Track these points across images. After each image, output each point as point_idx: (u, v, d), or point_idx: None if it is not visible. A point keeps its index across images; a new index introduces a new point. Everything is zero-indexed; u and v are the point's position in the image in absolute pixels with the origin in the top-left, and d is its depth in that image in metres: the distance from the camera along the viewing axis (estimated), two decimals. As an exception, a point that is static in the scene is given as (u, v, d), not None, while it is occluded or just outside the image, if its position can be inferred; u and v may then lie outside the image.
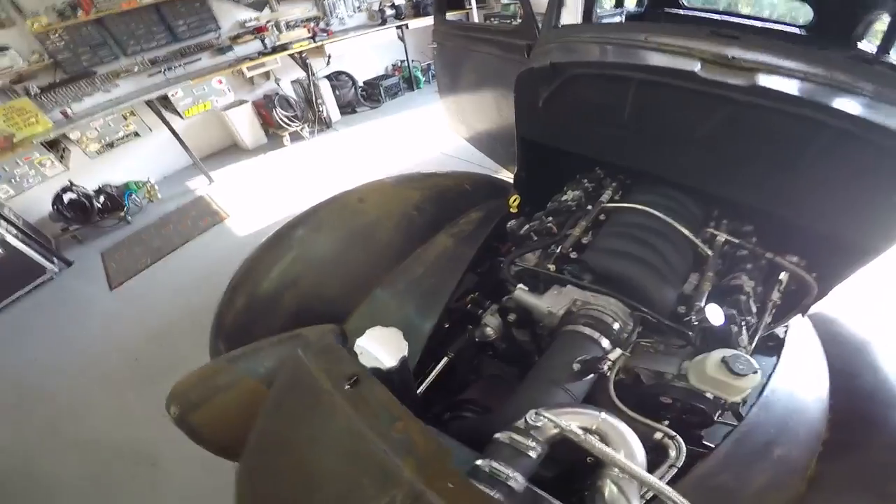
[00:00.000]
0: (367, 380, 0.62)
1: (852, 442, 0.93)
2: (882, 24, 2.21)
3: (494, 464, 0.54)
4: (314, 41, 4.13)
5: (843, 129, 0.94)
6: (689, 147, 1.20)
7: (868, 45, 2.28)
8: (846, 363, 1.15)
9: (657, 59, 1.12)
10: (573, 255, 1.03)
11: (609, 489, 0.53)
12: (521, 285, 0.94)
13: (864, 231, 1.07)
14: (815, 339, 1.22)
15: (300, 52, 4.10)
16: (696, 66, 1.05)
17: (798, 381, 1.04)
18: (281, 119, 4.26)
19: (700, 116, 1.11)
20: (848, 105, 0.95)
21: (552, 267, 0.99)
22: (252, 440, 0.68)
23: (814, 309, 1.23)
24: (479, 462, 0.55)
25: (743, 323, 0.95)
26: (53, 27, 3.21)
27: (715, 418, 0.78)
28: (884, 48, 2.16)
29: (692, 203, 1.23)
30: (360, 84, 5.13)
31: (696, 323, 0.87)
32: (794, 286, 1.14)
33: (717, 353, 0.72)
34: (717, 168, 1.17)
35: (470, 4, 4.81)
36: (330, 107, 4.64)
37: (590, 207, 1.21)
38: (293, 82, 4.57)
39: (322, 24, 4.55)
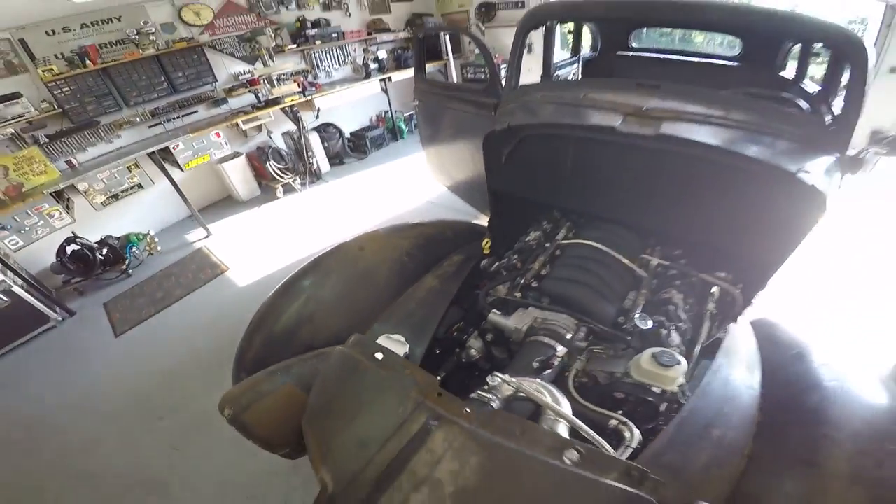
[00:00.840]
0: (388, 353, 0.89)
1: (782, 422, 1.09)
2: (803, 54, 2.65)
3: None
4: (304, 95, 4.47)
5: (732, 164, 1.23)
6: (620, 188, 1.51)
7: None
8: (778, 358, 1.37)
9: (588, 117, 1.41)
10: (534, 284, 1.29)
11: (544, 425, 0.78)
12: (494, 311, 1.19)
13: (766, 246, 1.35)
14: (751, 340, 1.45)
15: (291, 106, 4.43)
16: (618, 121, 1.33)
17: (732, 374, 1.26)
18: (274, 171, 4.52)
19: (624, 162, 1.42)
20: (735, 143, 1.22)
21: (518, 294, 1.25)
22: (312, 401, 0.92)
23: (757, 315, 1.49)
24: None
25: (673, 327, 1.19)
26: (63, 75, 3.38)
27: (661, 408, 0.99)
28: (800, 75, 2.61)
29: (630, 235, 1.52)
30: (347, 135, 5.48)
31: (631, 329, 1.12)
32: (727, 297, 1.41)
33: (649, 351, 0.95)
34: (642, 204, 1.48)
35: (447, 56, 5.33)
36: (319, 159, 4.94)
37: (548, 245, 1.48)
38: (284, 134, 4.89)
39: (310, 78, 4.94)
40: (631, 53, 3.48)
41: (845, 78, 1.73)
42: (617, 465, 0.65)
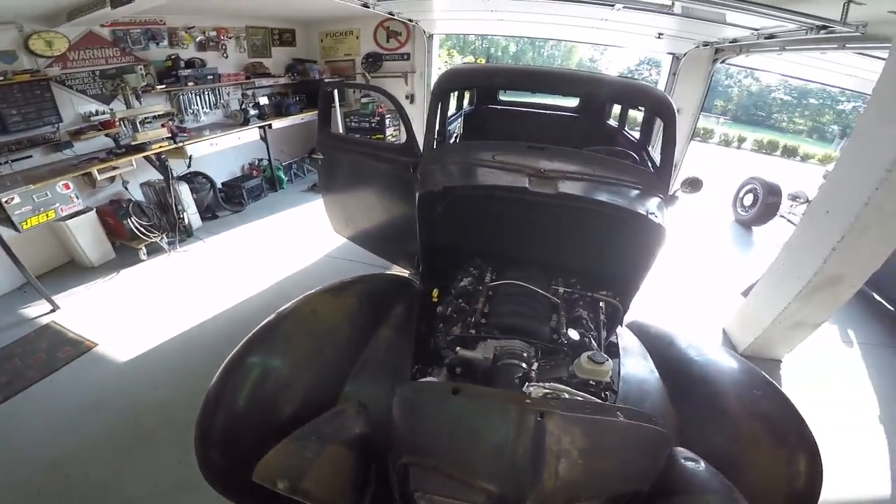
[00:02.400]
0: (465, 387, 1.00)
1: (683, 390, 1.50)
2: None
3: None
4: (174, 141, 4.09)
5: (605, 211, 1.73)
6: (529, 234, 1.95)
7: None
8: (657, 346, 1.83)
9: (505, 179, 1.81)
10: (483, 321, 1.58)
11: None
12: (459, 348, 1.43)
13: (630, 268, 1.91)
14: (633, 337, 1.94)
15: (158, 153, 4.00)
16: (526, 182, 1.76)
17: (636, 364, 1.70)
18: (137, 229, 3.95)
19: (531, 213, 1.85)
20: (610, 197, 1.74)
21: (473, 331, 1.52)
22: (410, 443, 0.98)
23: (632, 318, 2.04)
24: None
25: (589, 337, 1.60)
26: None
27: (602, 396, 1.31)
28: (622, 123, 3.62)
29: (539, 271, 1.93)
30: (219, 186, 5.08)
31: (566, 342, 1.48)
32: (610, 308, 1.90)
33: (585, 354, 1.29)
34: (546, 245, 1.94)
35: (333, 103, 5.50)
36: (191, 213, 4.47)
37: (481, 287, 1.78)
38: (143, 185, 4.28)
39: (177, 122, 4.54)
40: (499, 107, 4.25)
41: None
42: (642, 416, 0.99)
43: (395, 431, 1.03)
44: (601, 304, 1.85)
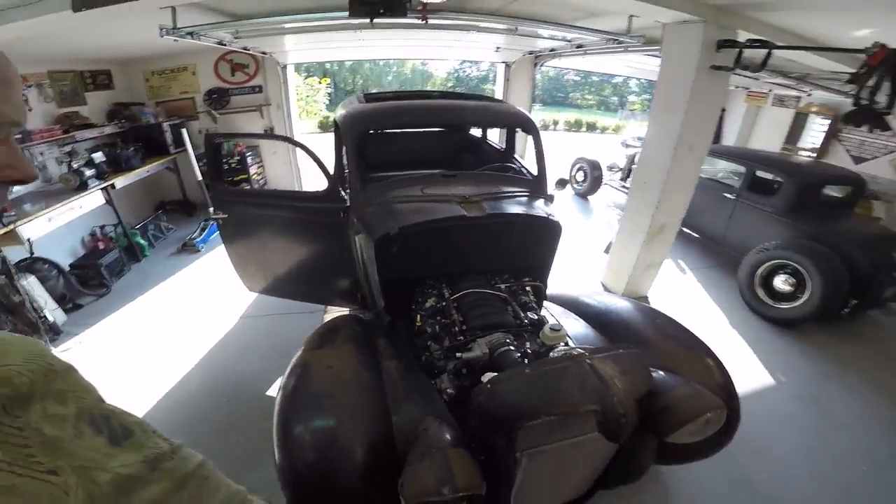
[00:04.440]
0: (528, 365, 1.43)
1: (617, 334, 2.10)
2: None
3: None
4: (1, 223, 3.35)
5: (514, 221, 2.29)
6: (466, 249, 2.39)
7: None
8: (575, 309, 2.49)
9: (443, 210, 2.18)
10: (463, 328, 1.98)
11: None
12: (458, 354, 1.81)
13: (543, 258, 2.51)
14: (556, 306, 2.54)
15: (-24, 244, 3.25)
16: (460, 210, 2.20)
17: (572, 324, 2.25)
18: None
19: (465, 232, 2.29)
20: (523, 209, 2.31)
21: (461, 338, 1.91)
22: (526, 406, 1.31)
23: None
24: None
25: (538, 315, 2.14)
26: None
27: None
28: (484, 135, 4.18)
29: (480, 276, 2.39)
30: (67, 269, 4.15)
31: (528, 323, 1.99)
32: (538, 290, 2.49)
33: (546, 326, 1.76)
34: (481, 254, 2.41)
35: (181, 149, 5.06)
36: (51, 308, 3.69)
37: (444, 303, 2.15)
38: None
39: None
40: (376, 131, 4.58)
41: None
42: (628, 347, 1.53)
43: (492, 416, 1.38)
44: (528, 288, 2.43)
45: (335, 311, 2.99)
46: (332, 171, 2.66)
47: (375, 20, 2.54)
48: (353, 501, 1.40)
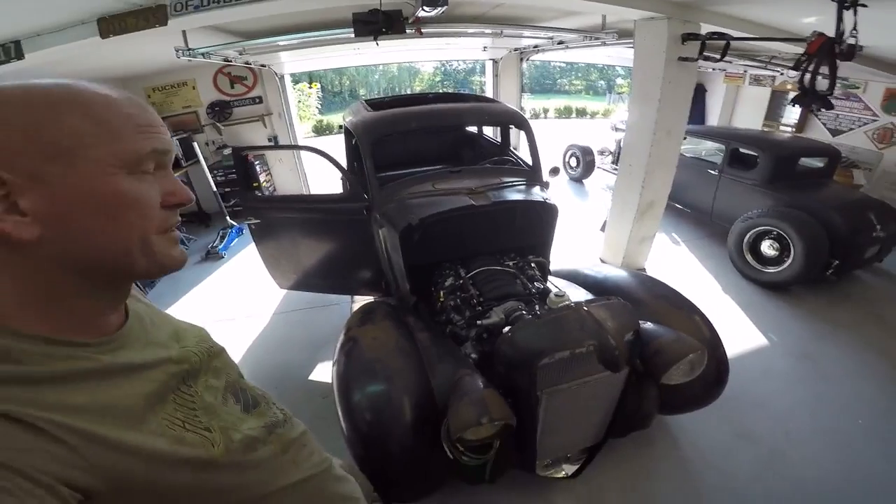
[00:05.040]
0: (539, 315, 1.81)
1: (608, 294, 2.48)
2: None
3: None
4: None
5: (516, 206, 2.60)
6: (476, 233, 2.68)
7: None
8: (575, 280, 2.82)
9: (454, 201, 2.50)
10: (481, 299, 2.30)
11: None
12: (479, 321, 2.13)
13: (545, 237, 2.82)
14: (560, 279, 2.86)
15: None
16: (469, 200, 2.51)
17: (575, 292, 2.55)
18: None
19: (474, 219, 2.58)
20: (524, 196, 2.62)
21: (480, 308, 2.23)
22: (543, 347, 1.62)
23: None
24: None
25: (543, 284, 2.47)
26: None
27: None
28: (480, 131, 4.49)
29: (491, 255, 2.70)
30: None
31: (535, 292, 2.31)
32: (541, 266, 2.81)
33: (552, 293, 2.06)
34: (489, 238, 2.71)
35: (194, 161, 5.35)
36: None
37: (461, 281, 2.47)
38: None
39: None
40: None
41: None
42: (618, 299, 1.84)
43: (514, 359, 1.71)
44: (533, 263, 2.75)
45: (361, 301, 3.28)
46: (348, 173, 2.96)
47: (379, 38, 2.83)
48: (406, 452, 1.71)
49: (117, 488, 0.48)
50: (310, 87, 13.73)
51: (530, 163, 3.08)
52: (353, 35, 2.84)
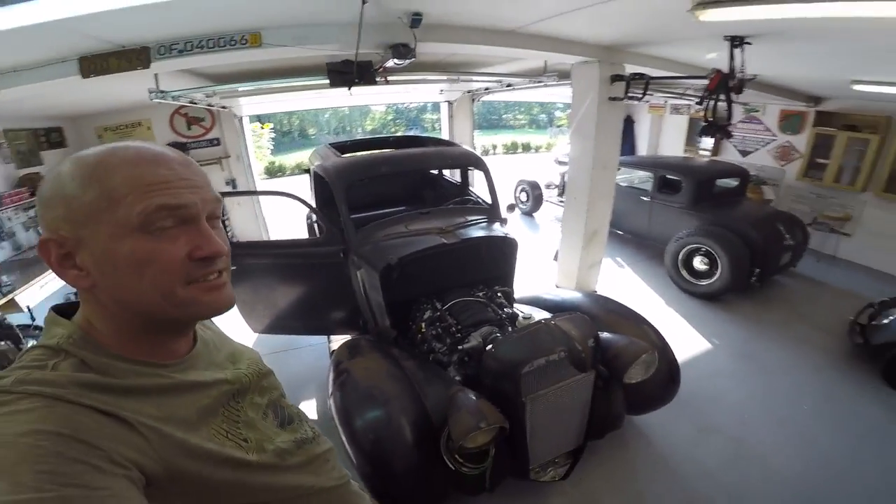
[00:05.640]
0: (514, 331, 2.05)
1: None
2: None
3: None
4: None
5: (484, 242, 2.88)
6: (447, 269, 2.87)
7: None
8: (540, 304, 3.12)
9: (427, 241, 2.71)
10: (459, 327, 2.51)
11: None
12: (459, 346, 2.33)
13: (507, 270, 3.09)
14: (525, 305, 3.13)
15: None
16: (440, 239, 2.75)
17: (538, 315, 2.84)
18: None
19: (444, 256, 2.76)
20: (486, 233, 2.91)
21: (460, 335, 2.44)
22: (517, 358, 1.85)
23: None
24: None
25: (512, 309, 2.73)
26: None
27: None
28: (440, 173, 4.78)
29: (461, 288, 2.91)
30: None
31: (505, 317, 2.56)
32: (507, 294, 3.07)
33: (520, 316, 2.37)
34: (460, 272, 2.93)
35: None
36: None
37: (438, 313, 2.66)
38: None
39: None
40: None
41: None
42: (580, 314, 2.16)
43: (499, 371, 1.94)
44: (500, 293, 3.01)
45: (338, 339, 3.35)
46: (324, 218, 3.10)
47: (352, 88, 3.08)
48: (409, 467, 1.86)
49: (172, 478, 0.59)
50: (262, 128, 13.68)
51: (489, 201, 3.38)
52: (327, 83, 3.05)
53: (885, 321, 3.38)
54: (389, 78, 3.61)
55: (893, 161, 5.08)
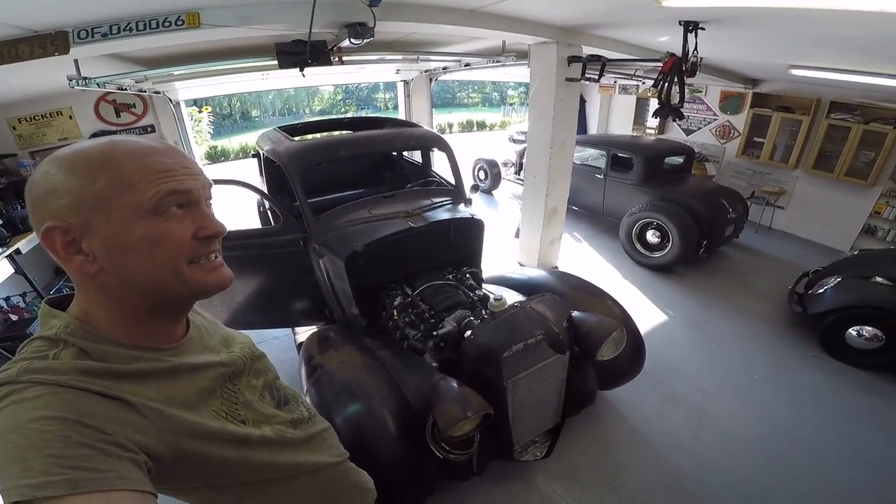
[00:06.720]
0: (490, 317, 2.12)
1: (535, 292, 2.85)
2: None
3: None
4: None
5: (450, 225, 2.84)
6: (414, 253, 2.82)
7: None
8: (507, 283, 3.19)
9: (394, 225, 2.66)
10: (432, 312, 2.50)
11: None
12: (434, 332, 2.33)
13: (476, 250, 3.11)
14: (493, 286, 3.17)
15: None
16: (407, 223, 2.70)
17: (508, 295, 2.91)
18: None
19: (412, 240, 2.70)
20: (453, 215, 2.89)
21: (434, 321, 2.44)
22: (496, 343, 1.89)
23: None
24: None
25: (482, 291, 2.76)
26: None
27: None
28: (400, 155, 4.65)
29: (431, 271, 2.90)
30: None
31: (477, 299, 2.58)
32: (475, 275, 3.10)
33: (491, 298, 2.37)
34: (428, 256, 2.90)
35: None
36: None
37: (409, 298, 2.63)
38: None
39: None
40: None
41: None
42: (553, 296, 2.23)
43: (479, 357, 1.97)
44: (469, 274, 3.04)
45: (303, 332, 3.24)
46: (280, 205, 2.94)
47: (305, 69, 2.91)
48: (395, 459, 1.85)
49: (178, 458, 0.62)
50: (200, 112, 12.71)
51: (452, 181, 3.35)
52: (275, 64, 2.86)
53: (820, 291, 3.61)
54: (345, 58, 3.47)
55: (822, 140, 5.56)
